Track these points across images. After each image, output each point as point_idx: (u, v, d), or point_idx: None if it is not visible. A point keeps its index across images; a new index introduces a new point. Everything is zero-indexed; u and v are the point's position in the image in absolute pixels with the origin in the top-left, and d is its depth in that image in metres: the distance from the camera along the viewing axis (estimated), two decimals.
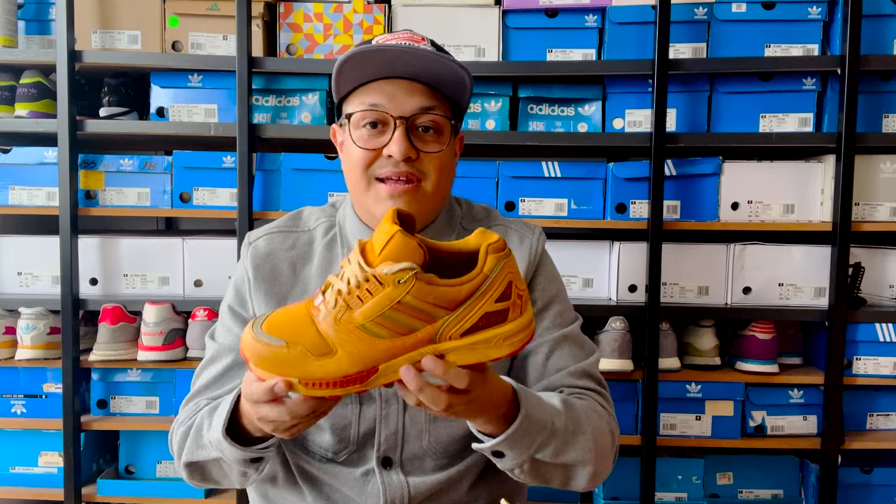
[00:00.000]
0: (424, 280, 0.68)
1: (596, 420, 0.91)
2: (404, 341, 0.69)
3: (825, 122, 1.71)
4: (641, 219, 1.72)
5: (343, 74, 0.94)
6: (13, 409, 1.77)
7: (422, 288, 0.68)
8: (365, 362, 0.69)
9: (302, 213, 1.08)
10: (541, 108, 1.75)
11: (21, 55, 1.72)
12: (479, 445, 0.82)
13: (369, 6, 1.72)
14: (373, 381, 0.70)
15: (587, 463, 0.87)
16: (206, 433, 0.90)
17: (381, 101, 0.93)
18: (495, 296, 0.70)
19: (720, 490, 1.78)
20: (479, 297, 0.69)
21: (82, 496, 1.74)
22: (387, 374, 0.70)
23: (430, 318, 0.69)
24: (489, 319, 0.70)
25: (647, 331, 1.68)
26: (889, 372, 1.71)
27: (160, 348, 1.71)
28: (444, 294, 0.68)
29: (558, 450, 0.84)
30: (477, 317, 0.70)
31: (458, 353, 0.70)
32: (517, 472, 0.85)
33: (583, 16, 1.70)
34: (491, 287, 0.70)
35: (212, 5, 1.72)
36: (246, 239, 1.05)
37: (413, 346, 0.70)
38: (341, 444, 0.98)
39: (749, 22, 1.69)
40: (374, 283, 0.68)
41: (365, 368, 0.69)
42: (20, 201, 1.77)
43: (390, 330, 0.69)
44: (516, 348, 0.72)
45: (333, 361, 0.69)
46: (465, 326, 0.70)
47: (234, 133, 1.68)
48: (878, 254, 1.77)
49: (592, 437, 0.87)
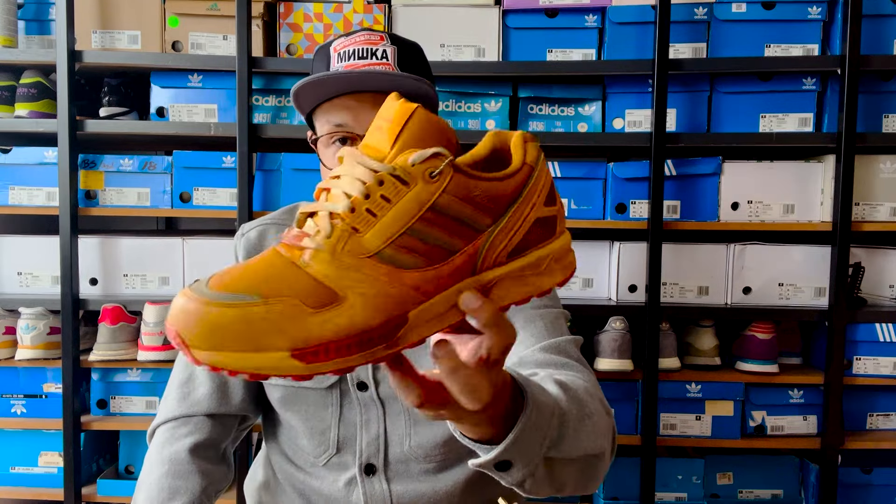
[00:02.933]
0: (464, 172, 0.49)
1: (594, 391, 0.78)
2: (440, 271, 0.48)
3: (825, 122, 1.71)
4: (641, 219, 1.72)
5: (300, 99, 0.92)
6: (13, 409, 1.77)
7: (462, 182, 0.48)
8: (389, 307, 0.46)
9: (298, 207, 1.06)
10: (541, 108, 1.75)
11: (21, 55, 1.72)
12: (478, 461, 0.61)
13: (369, 6, 1.72)
14: (404, 335, 0.47)
15: (602, 451, 0.72)
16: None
17: (345, 119, 0.90)
18: (543, 195, 0.52)
19: (720, 490, 1.78)
20: (528, 195, 0.51)
21: (82, 496, 1.74)
22: (419, 327, 0.48)
23: (471, 233, 0.49)
24: (538, 231, 0.52)
25: (647, 331, 1.68)
26: (889, 372, 1.71)
27: (160, 348, 1.71)
28: (489, 190, 0.49)
29: (571, 440, 0.67)
30: (528, 224, 0.51)
31: (505, 285, 0.51)
32: (528, 484, 0.64)
33: (583, 16, 1.70)
34: (538, 182, 0.52)
35: (212, 5, 1.72)
36: (239, 230, 1.05)
37: (449, 280, 0.48)
38: (321, 448, 0.96)
39: (749, 22, 1.69)
40: (392, 185, 0.48)
41: (390, 316, 0.46)
42: (20, 201, 1.77)
43: (419, 254, 0.48)
44: (568, 274, 0.55)
45: (344, 311, 0.45)
46: (516, 240, 0.51)
47: (234, 133, 1.68)
48: (878, 254, 1.77)
49: (601, 414, 0.74)
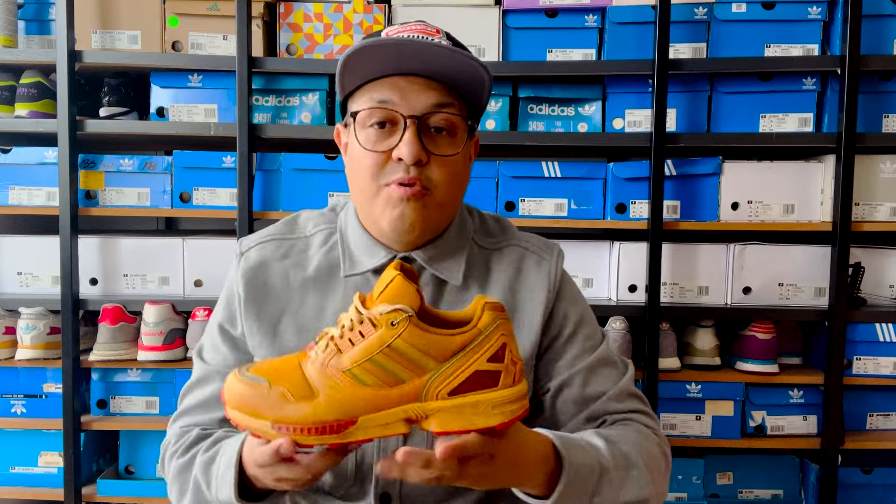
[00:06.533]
0: (418, 325, 0.66)
1: (645, 445, 0.86)
2: (389, 393, 0.66)
3: (825, 122, 1.71)
4: (641, 219, 1.72)
5: (349, 68, 0.85)
6: (13, 409, 1.77)
7: (414, 332, 0.66)
8: (345, 410, 0.66)
9: (298, 218, 1.00)
10: (541, 108, 1.75)
11: (21, 55, 1.72)
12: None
13: (369, 6, 1.72)
14: (350, 432, 0.66)
15: (648, 497, 0.82)
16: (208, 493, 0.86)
17: (391, 97, 0.84)
18: (488, 354, 0.68)
19: (720, 490, 1.78)
20: (471, 351, 0.67)
21: (82, 496, 1.74)
22: (366, 429, 0.66)
23: (418, 370, 0.66)
24: (479, 380, 0.67)
25: (647, 331, 1.68)
26: (889, 372, 1.71)
27: (160, 348, 1.71)
28: (435, 342, 0.67)
29: (615, 490, 0.79)
30: (467, 373, 0.67)
31: (443, 416, 0.66)
32: None
33: (583, 16, 1.70)
34: (484, 343, 0.68)
35: (212, 5, 1.72)
36: (238, 246, 0.98)
37: (398, 401, 0.66)
38: (338, 480, 0.91)
39: (749, 22, 1.69)
40: (367, 325, 0.67)
41: (344, 418, 0.66)
42: (20, 201, 1.77)
43: (377, 378, 0.66)
44: (506, 419, 0.67)
45: (312, 405, 0.66)
46: (454, 384, 0.67)
47: (234, 133, 1.68)
48: (878, 254, 1.77)
49: (646, 467, 0.83)
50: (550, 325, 0.94)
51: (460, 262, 0.93)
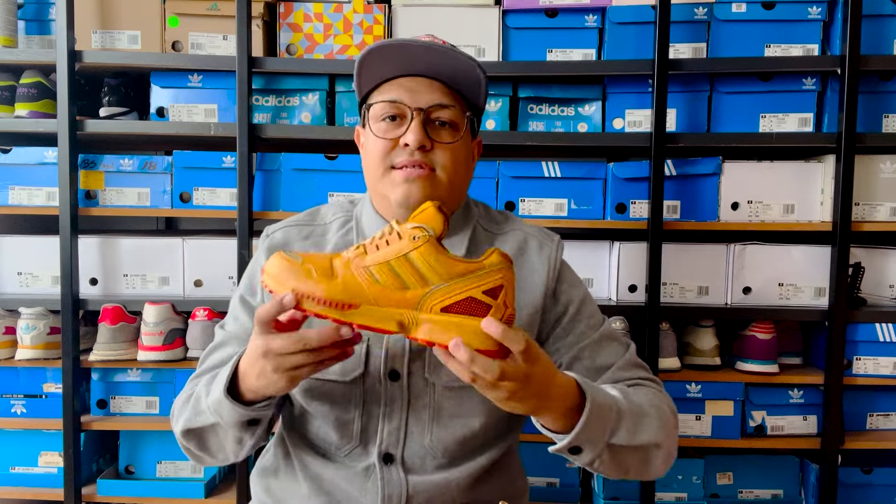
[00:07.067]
0: (434, 245, 0.77)
1: (655, 401, 0.94)
2: (393, 294, 0.76)
3: (825, 122, 1.71)
4: (641, 219, 1.72)
5: (365, 69, 0.99)
6: (13, 409, 1.77)
7: (429, 250, 0.76)
8: (353, 295, 0.76)
9: (320, 210, 1.12)
10: (541, 108, 1.75)
11: (21, 55, 1.72)
12: (556, 447, 0.85)
13: (369, 6, 1.72)
14: (351, 314, 0.76)
15: (660, 442, 0.90)
16: (205, 399, 0.93)
17: (400, 95, 0.98)
18: (484, 287, 0.76)
19: (720, 490, 1.78)
20: (470, 279, 0.76)
21: (82, 496, 1.75)
22: (363, 315, 0.76)
23: (423, 282, 0.76)
24: (471, 306, 0.75)
25: (647, 331, 1.68)
26: (889, 372, 1.71)
27: (160, 348, 1.71)
28: (443, 263, 0.76)
29: (630, 431, 0.87)
30: (461, 297, 0.75)
31: (430, 327, 0.75)
32: (597, 464, 0.87)
33: (583, 16, 1.70)
34: (484, 277, 0.76)
35: (212, 5, 1.72)
36: (265, 231, 1.10)
37: (397, 304, 0.76)
38: (344, 440, 0.99)
39: (749, 22, 1.69)
40: (394, 236, 0.78)
41: (350, 301, 0.76)
42: (20, 201, 1.77)
43: (388, 279, 0.76)
44: (484, 347, 0.75)
45: (329, 284, 0.76)
46: (447, 302, 0.75)
47: (234, 133, 1.68)
48: (878, 254, 1.77)
49: (658, 417, 0.91)
50: (555, 306, 1.03)
51: (463, 239, 1.03)
